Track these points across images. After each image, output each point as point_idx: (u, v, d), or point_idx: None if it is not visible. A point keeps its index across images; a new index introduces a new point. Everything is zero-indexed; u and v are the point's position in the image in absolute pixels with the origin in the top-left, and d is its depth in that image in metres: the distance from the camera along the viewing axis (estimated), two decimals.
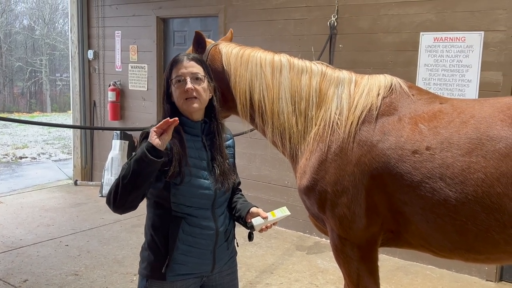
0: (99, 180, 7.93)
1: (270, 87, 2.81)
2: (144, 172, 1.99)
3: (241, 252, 5.38)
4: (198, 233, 2.21)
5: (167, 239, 2.17)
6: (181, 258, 2.19)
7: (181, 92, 2.17)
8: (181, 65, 2.19)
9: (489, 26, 4.54)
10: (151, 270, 2.21)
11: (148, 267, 2.22)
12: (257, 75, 2.83)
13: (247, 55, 2.88)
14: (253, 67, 2.84)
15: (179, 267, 2.19)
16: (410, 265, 5.08)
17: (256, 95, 2.82)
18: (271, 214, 2.33)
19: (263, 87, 2.81)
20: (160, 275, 2.17)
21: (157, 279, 2.19)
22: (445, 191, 2.35)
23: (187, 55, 2.26)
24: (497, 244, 2.35)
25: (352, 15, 5.32)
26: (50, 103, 30.33)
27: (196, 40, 2.85)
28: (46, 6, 31.82)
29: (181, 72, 2.18)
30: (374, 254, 2.75)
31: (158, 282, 2.19)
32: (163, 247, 2.18)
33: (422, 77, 4.94)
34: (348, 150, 2.61)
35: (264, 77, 2.82)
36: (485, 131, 2.34)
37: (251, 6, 6.10)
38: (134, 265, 4.93)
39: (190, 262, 2.21)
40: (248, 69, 2.83)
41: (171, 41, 7.25)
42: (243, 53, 2.90)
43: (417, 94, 2.71)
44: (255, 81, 2.82)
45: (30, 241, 5.54)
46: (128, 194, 2.02)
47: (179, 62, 2.20)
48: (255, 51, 2.91)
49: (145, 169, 1.99)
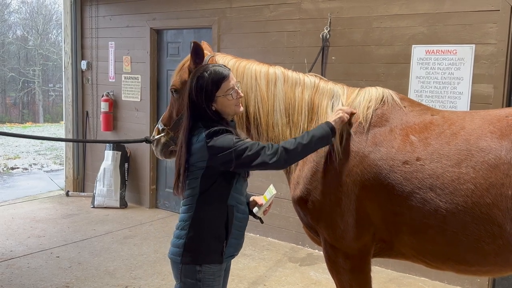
0: (91, 191, 7.89)
1: (265, 99, 2.85)
2: (320, 147, 2.60)
3: (233, 264, 5.34)
4: (241, 217, 2.63)
5: (224, 226, 2.53)
6: (231, 241, 2.58)
7: (235, 99, 2.56)
8: (230, 78, 2.54)
9: (480, 40, 4.59)
10: (208, 256, 2.53)
11: (203, 254, 2.52)
12: (252, 87, 2.87)
13: (242, 68, 2.91)
14: (248, 80, 2.88)
15: (228, 248, 2.58)
16: (402, 277, 5.07)
17: (251, 108, 2.87)
18: (264, 198, 2.74)
19: (258, 100, 2.86)
20: (219, 258, 2.54)
21: (215, 262, 2.54)
22: (435, 202, 2.38)
23: (227, 70, 2.57)
24: (487, 255, 2.37)
25: (344, 27, 5.37)
26: (42, 113, 30.23)
27: (194, 50, 2.85)
28: (40, 16, 31.85)
29: (232, 84, 2.54)
30: (366, 265, 2.76)
31: (213, 265, 2.53)
32: (221, 234, 2.53)
33: (414, 89, 4.97)
34: (340, 160, 2.64)
35: (259, 89, 2.86)
36: (474, 143, 2.37)
37: (244, 18, 6.14)
38: (126, 276, 4.90)
39: (235, 244, 2.62)
40: (244, 81, 2.87)
41: (165, 52, 7.26)
42: (239, 65, 2.93)
43: (408, 106, 2.74)
44: (250, 94, 2.86)
45: (21, 253, 5.48)
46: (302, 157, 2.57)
47: (228, 76, 2.54)
48: (250, 64, 2.95)
49: (322, 145, 2.59)
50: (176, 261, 2.58)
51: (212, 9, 6.43)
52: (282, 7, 5.82)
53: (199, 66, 2.63)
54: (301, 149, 2.49)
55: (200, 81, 2.51)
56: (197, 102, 2.51)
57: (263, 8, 5.98)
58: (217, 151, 2.42)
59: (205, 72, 2.52)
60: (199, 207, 2.54)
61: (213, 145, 2.43)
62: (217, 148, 2.43)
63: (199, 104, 2.51)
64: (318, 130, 2.55)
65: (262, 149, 2.43)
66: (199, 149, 2.48)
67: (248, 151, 2.41)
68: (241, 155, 2.41)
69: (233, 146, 2.41)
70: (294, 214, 5.43)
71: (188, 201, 2.58)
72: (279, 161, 2.45)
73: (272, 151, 2.43)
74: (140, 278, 4.88)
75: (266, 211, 2.75)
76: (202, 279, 2.52)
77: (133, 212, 7.19)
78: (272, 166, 2.45)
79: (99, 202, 7.42)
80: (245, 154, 2.41)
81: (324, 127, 2.56)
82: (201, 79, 2.51)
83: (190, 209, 2.56)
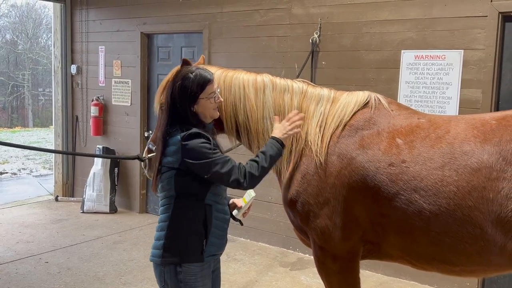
0: (80, 195, 7.84)
1: (253, 108, 2.92)
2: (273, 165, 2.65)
3: (224, 269, 5.34)
4: (222, 217, 2.63)
5: (203, 225, 2.53)
6: (212, 240, 2.57)
7: (215, 103, 2.62)
8: (213, 82, 2.61)
9: (468, 45, 4.64)
10: (187, 255, 2.51)
11: (183, 253, 2.51)
12: (240, 97, 2.93)
13: (230, 78, 2.97)
14: (236, 90, 2.94)
15: (209, 247, 2.56)
16: (393, 281, 5.09)
17: (240, 117, 2.94)
18: (243, 201, 2.77)
19: (247, 109, 2.92)
20: (199, 257, 2.52)
21: (195, 261, 2.52)
22: (419, 203, 2.43)
23: (210, 74, 2.62)
24: (470, 256, 2.43)
25: (334, 32, 5.40)
26: (32, 118, 30.01)
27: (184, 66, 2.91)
28: (30, 20, 31.66)
29: (214, 88, 2.61)
30: (355, 266, 2.81)
31: (194, 265, 2.52)
32: (201, 232, 2.53)
33: (404, 94, 5.01)
34: (329, 163, 2.69)
35: (248, 99, 2.92)
36: (458, 146, 2.43)
37: (235, 23, 6.16)
38: (115, 282, 4.87)
39: (217, 243, 2.60)
40: (232, 92, 2.93)
41: (155, 56, 7.25)
42: (226, 75, 2.98)
43: (396, 109, 2.80)
44: (239, 104, 2.93)
45: (9, 258, 5.43)
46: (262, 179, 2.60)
47: (212, 80, 2.60)
48: (238, 73, 3.00)
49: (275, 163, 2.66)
50: (157, 262, 2.58)
51: (202, 14, 6.44)
52: (272, 12, 5.84)
53: (184, 68, 2.65)
54: (263, 174, 2.58)
55: (186, 82, 2.53)
56: (179, 102, 2.53)
57: (253, 13, 6.00)
58: (193, 157, 2.45)
59: (191, 73, 2.56)
60: (177, 207, 2.55)
61: (189, 150, 2.45)
62: (193, 154, 2.45)
63: (181, 104, 2.53)
64: (273, 149, 2.61)
65: (233, 169, 2.49)
66: (174, 151, 2.50)
67: (222, 167, 2.46)
68: (217, 170, 2.46)
69: (211, 158, 2.45)
70: (284, 219, 5.45)
71: (166, 201, 2.60)
72: (244, 184, 2.52)
73: (242, 173, 2.50)
74: (130, 284, 4.85)
75: (245, 213, 2.78)
76: (184, 280, 2.52)
77: (123, 217, 7.16)
78: (241, 187, 2.53)
79: (88, 207, 7.38)
80: (221, 169, 2.46)
81: (277, 146, 2.62)
82: (187, 80, 2.54)
83: (168, 209, 2.58)
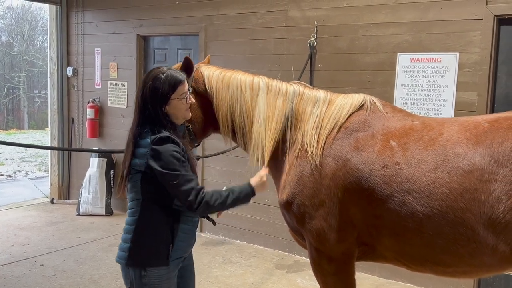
0: (76, 198, 7.81)
1: (249, 109, 2.94)
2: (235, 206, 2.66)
3: (220, 272, 5.36)
4: (190, 220, 2.63)
5: (170, 230, 2.54)
6: (179, 244, 2.58)
7: (186, 104, 2.63)
8: (185, 83, 2.61)
9: (464, 48, 4.66)
10: (152, 259, 2.52)
11: (148, 257, 2.52)
12: (237, 98, 2.95)
13: (227, 78, 2.99)
14: (233, 90, 2.95)
15: (175, 251, 2.58)
16: (388, 283, 5.09)
17: (237, 118, 2.95)
18: None
19: (243, 110, 2.94)
20: (165, 261, 2.53)
21: (160, 265, 2.53)
22: (412, 205, 2.45)
23: (182, 75, 2.63)
24: (462, 257, 2.45)
25: (330, 35, 5.41)
26: (27, 120, 29.92)
27: (186, 65, 2.94)
28: (25, 22, 31.59)
29: (186, 89, 2.62)
30: (350, 267, 2.82)
31: (160, 268, 2.53)
32: (167, 237, 2.53)
33: (399, 96, 5.02)
34: (324, 164, 2.71)
35: (244, 100, 2.94)
36: (451, 148, 2.46)
37: (231, 25, 6.16)
38: (111, 285, 4.85)
39: (183, 246, 2.62)
40: (229, 92, 2.95)
41: (152, 58, 7.25)
42: (224, 76, 3.00)
43: (390, 112, 2.83)
44: (236, 104, 2.95)
45: (4, 261, 5.41)
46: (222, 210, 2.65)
47: (184, 81, 2.61)
48: (236, 74, 3.02)
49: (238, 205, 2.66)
50: (123, 264, 2.59)
51: (199, 16, 6.44)
52: (269, 15, 5.85)
53: (154, 69, 2.66)
54: (219, 208, 2.59)
55: (157, 82, 2.53)
56: (150, 102, 2.53)
57: (250, 16, 6.00)
58: (160, 164, 2.44)
59: (162, 74, 2.56)
60: (143, 211, 2.56)
61: (158, 155, 2.45)
62: (160, 161, 2.44)
63: (152, 104, 2.53)
64: (242, 193, 2.62)
65: (192, 191, 2.46)
66: (142, 154, 2.50)
67: (183, 185, 2.45)
68: (178, 184, 2.45)
69: (177, 171, 2.44)
70: (281, 221, 5.46)
71: (133, 204, 2.60)
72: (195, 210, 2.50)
73: (199, 199, 2.48)
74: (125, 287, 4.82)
75: (219, 213, 2.78)
76: (148, 283, 2.53)
77: (118, 220, 7.13)
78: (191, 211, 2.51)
79: (84, 210, 7.35)
80: (181, 187, 2.45)
81: (247, 192, 2.65)
82: (158, 81, 2.54)
83: (135, 213, 2.58)
